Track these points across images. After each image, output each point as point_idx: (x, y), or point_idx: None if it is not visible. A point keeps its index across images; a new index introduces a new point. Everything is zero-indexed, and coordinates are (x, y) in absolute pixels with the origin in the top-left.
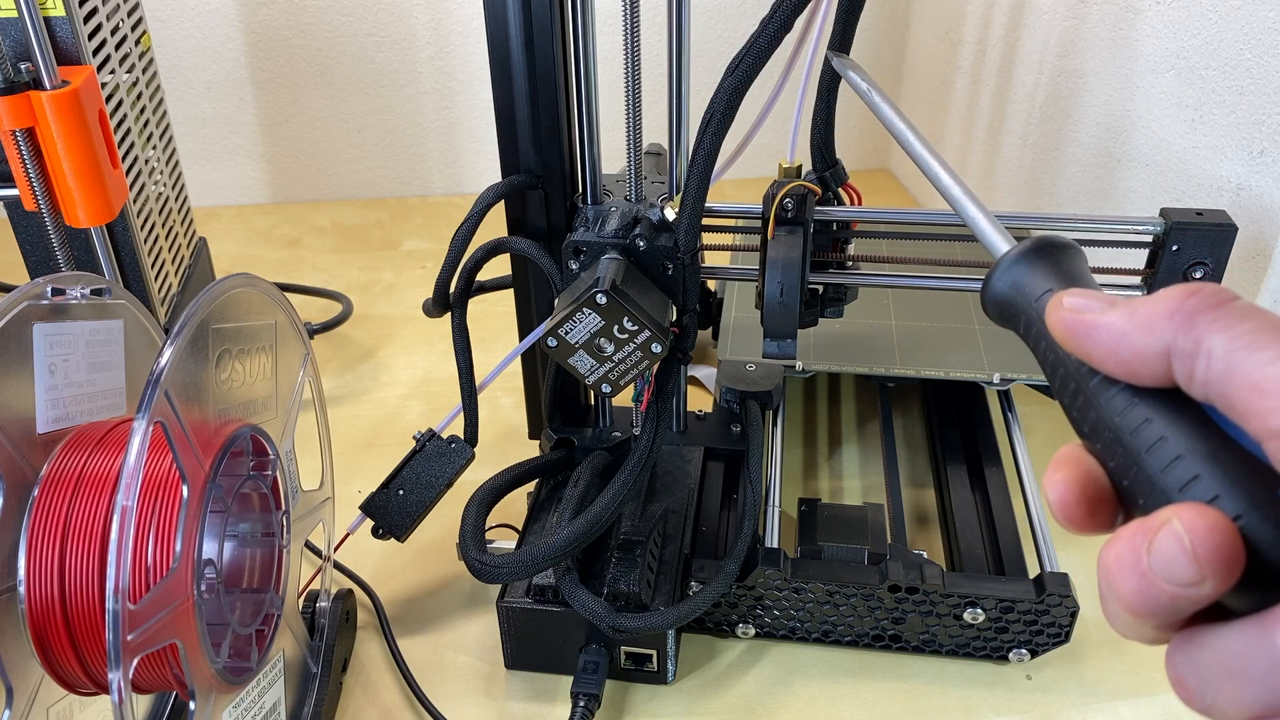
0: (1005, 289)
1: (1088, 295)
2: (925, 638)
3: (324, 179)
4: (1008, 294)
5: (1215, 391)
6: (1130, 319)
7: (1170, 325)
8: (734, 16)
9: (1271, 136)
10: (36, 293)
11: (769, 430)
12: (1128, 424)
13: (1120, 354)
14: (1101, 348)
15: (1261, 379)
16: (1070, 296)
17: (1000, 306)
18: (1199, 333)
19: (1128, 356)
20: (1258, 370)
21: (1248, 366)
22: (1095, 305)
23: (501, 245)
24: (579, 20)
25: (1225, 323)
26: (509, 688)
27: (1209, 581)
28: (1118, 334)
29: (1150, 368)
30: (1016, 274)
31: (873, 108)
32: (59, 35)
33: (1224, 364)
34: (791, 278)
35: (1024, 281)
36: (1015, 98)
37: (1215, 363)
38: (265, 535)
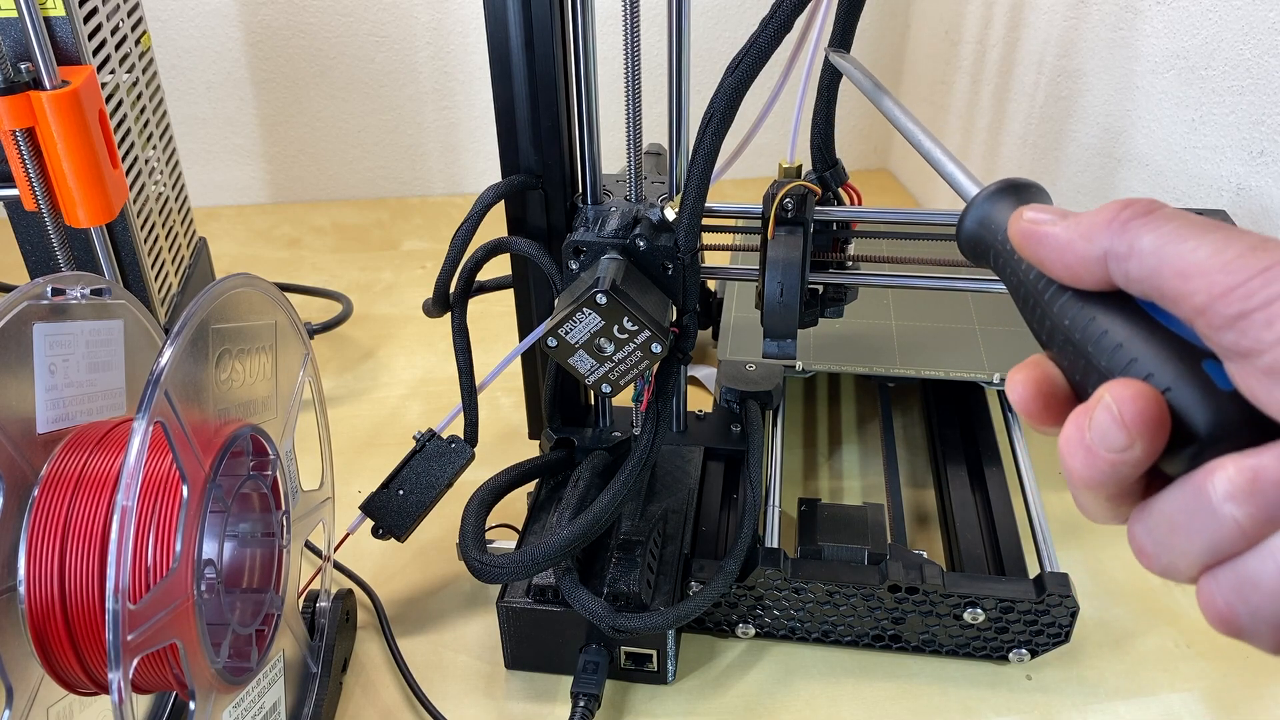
0: (974, 225)
1: (1043, 209)
2: (925, 638)
3: (324, 179)
4: (976, 230)
5: (1150, 285)
6: (1074, 228)
7: (1107, 232)
8: (734, 16)
9: (1271, 136)
10: (36, 293)
11: (769, 430)
12: (1076, 324)
13: (1065, 259)
14: (1050, 253)
15: (1185, 265)
16: (1029, 210)
17: (971, 242)
18: (1131, 235)
19: (1072, 261)
20: (1181, 259)
21: (1173, 257)
22: (1047, 217)
23: (501, 245)
24: (579, 20)
25: (1153, 223)
26: (509, 688)
27: (1138, 444)
28: (1064, 242)
29: (1091, 271)
30: (985, 210)
31: (849, 76)
32: (59, 35)
33: (1154, 258)
34: (791, 278)
35: (990, 216)
36: (1015, 98)
37: (1147, 259)
38: (265, 535)
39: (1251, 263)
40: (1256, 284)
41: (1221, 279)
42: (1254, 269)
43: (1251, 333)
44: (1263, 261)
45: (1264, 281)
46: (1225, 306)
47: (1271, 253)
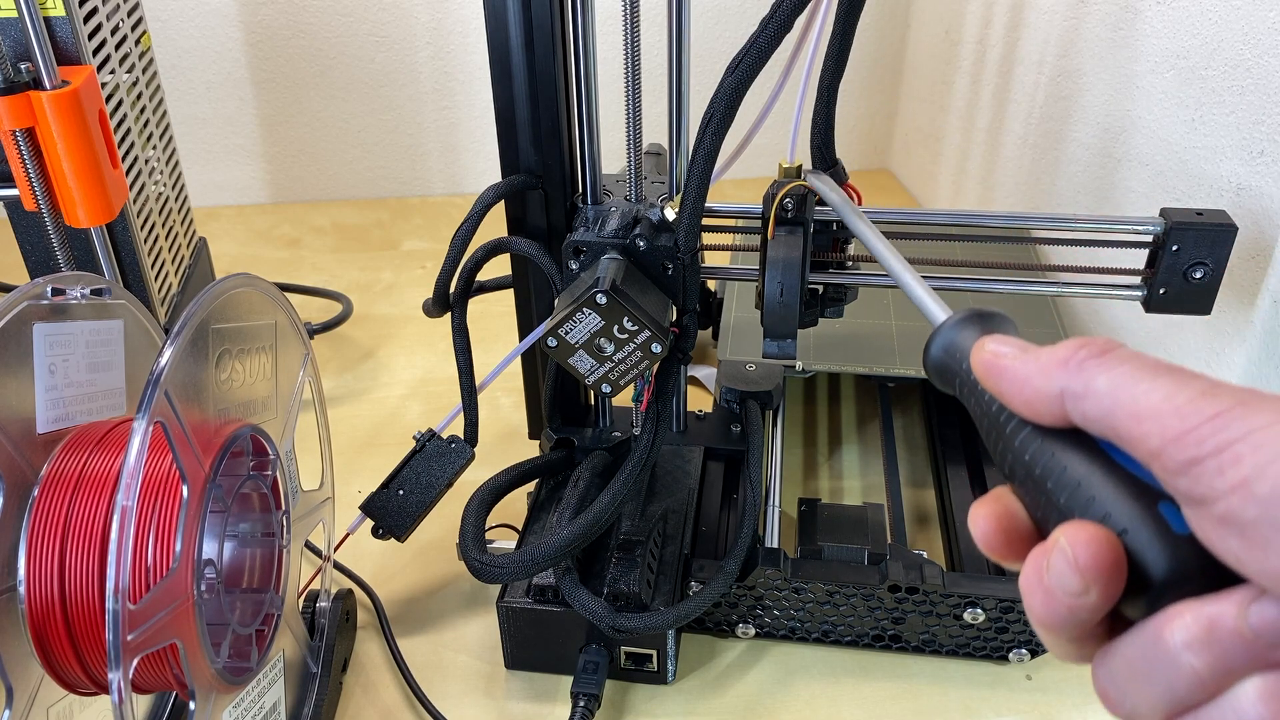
0: (940, 353)
1: (1004, 341)
2: (925, 638)
3: (324, 179)
4: (942, 357)
5: (1105, 426)
6: (1032, 364)
7: (1064, 371)
8: (734, 16)
9: (1271, 136)
10: (36, 293)
11: (769, 430)
12: (1036, 459)
13: (1024, 394)
14: (1010, 388)
15: (1138, 408)
16: (991, 341)
17: (938, 368)
18: (1087, 376)
19: (1031, 397)
20: (1135, 402)
21: (1127, 400)
22: (1009, 350)
23: (501, 245)
24: (579, 20)
25: (1108, 364)
26: (509, 688)
27: (1093, 589)
28: (1022, 377)
29: (1049, 408)
30: (950, 337)
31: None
32: (59, 35)
33: (1110, 399)
34: (791, 278)
35: (955, 344)
36: (1015, 98)
37: (1102, 399)
38: (265, 535)
39: (1203, 408)
40: (1207, 430)
41: (1174, 424)
42: (1205, 414)
43: (1204, 480)
44: (1214, 407)
45: (1214, 428)
46: (1178, 452)
47: (1222, 398)
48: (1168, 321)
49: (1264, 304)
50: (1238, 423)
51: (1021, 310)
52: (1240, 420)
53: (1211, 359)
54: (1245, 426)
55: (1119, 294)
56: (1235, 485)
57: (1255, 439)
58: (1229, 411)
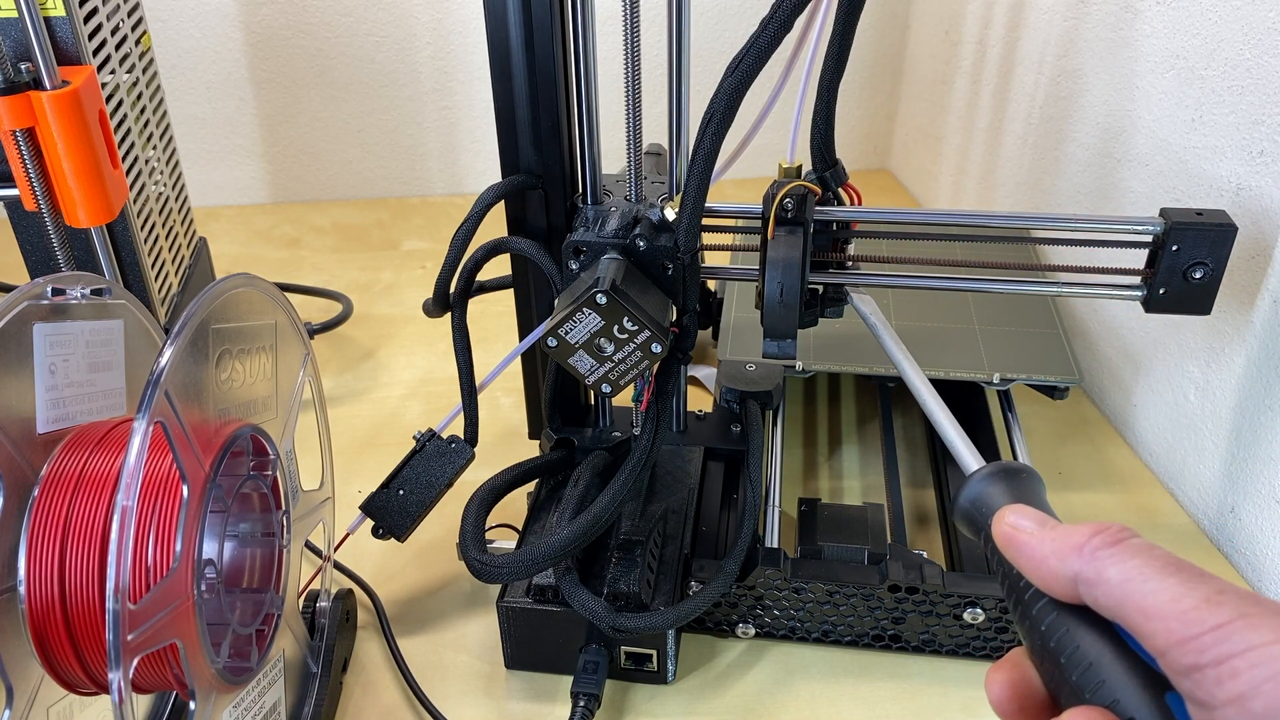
0: (968, 505)
1: (1025, 514)
2: (925, 638)
3: (324, 179)
4: (968, 509)
5: (1116, 615)
6: (1049, 544)
7: (1078, 558)
8: (734, 16)
9: (1271, 136)
10: (36, 293)
11: (769, 430)
12: (1051, 632)
13: (1040, 573)
14: (1027, 563)
15: (1146, 605)
16: (1012, 513)
17: (965, 519)
18: (1099, 565)
19: (1046, 576)
20: (1144, 599)
21: (1136, 595)
22: (1028, 525)
23: (501, 245)
24: (579, 20)
25: (1120, 558)
26: (509, 688)
27: None
28: (1039, 557)
29: (1064, 588)
30: (978, 491)
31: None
32: (59, 35)
33: (1120, 591)
34: (791, 278)
35: (983, 499)
36: (1015, 98)
37: (1113, 590)
38: (265, 535)
39: (1207, 617)
40: (1209, 640)
41: (1178, 628)
42: (1208, 624)
43: (1205, 686)
44: (1218, 617)
45: (1216, 639)
46: (1181, 656)
47: (1227, 607)
48: (1168, 321)
49: (1264, 304)
50: (1238, 636)
51: (1021, 310)
52: (1240, 635)
53: (1211, 359)
54: (1245, 642)
55: (1119, 294)
56: (1232, 698)
57: (1253, 656)
58: (1231, 624)
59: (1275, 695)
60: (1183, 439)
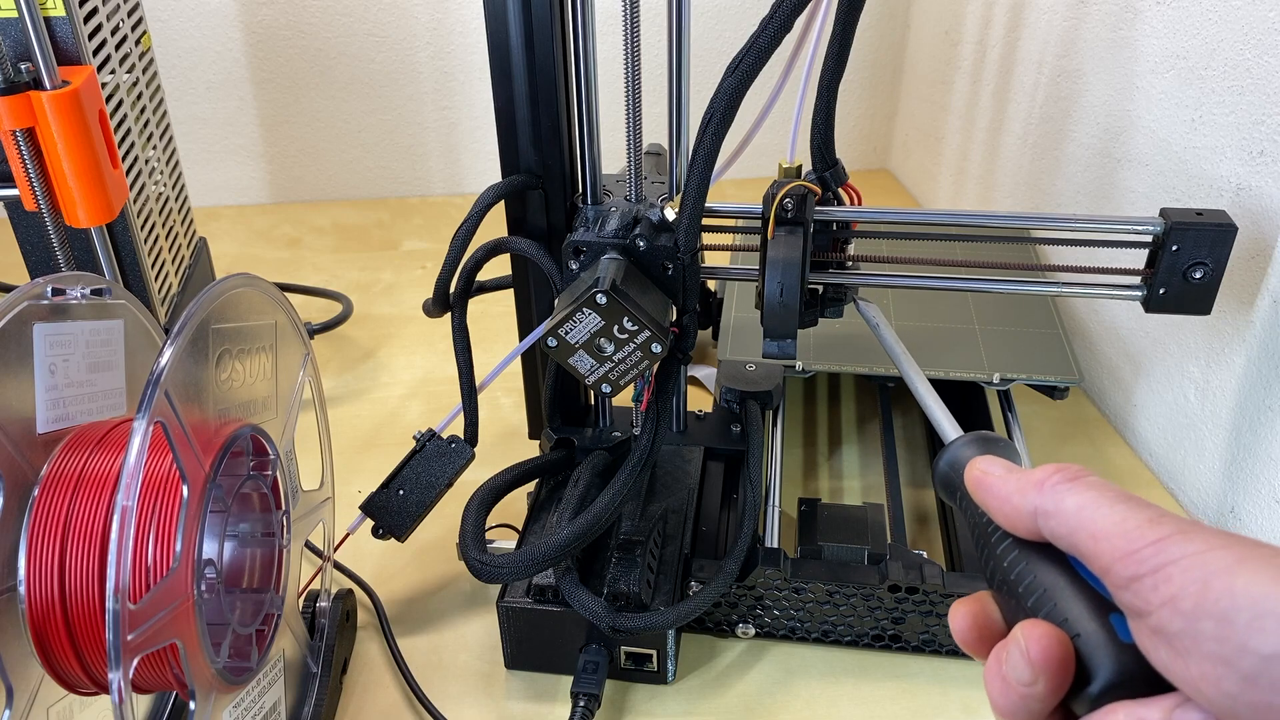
0: (946, 467)
1: (993, 462)
2: (925, 638)
3: (324, 179)
4: (947, 471)
5: (1069, 543)
6: (1013, 483)
7: (1038, 493)
8: (734, 16)
9: (1271, 136)
10: (36, 293)
11: (769, 430)
12: (1011, 567)
13: (1004, 510)
14: (993, 502)
15: (1096, 529)
16: (983, 461)
17: (943, 480)
18: (1057, 497)
19: (1010, 512)
20: (1094, 523)
21: (1088, 520)
22: (995, 470)
23: (501, 245)
24: (579, 20)
25: (1077, 489)
26: (509, 688)
27: (1041, 680)
28: (1003, 494)
29: (1025, 523)
30: (955, 454)
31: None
32: (59, 35)
33: (1074, 519)
34: (791, 278)
35: (958, 460)
36: (1015, 98)
37: (1068, 518)
38: (265, 535)
39: (1148, 533)
40: (1148, 552)
41: (1121, 545)
42: (1149, 538)
43: (1142, 594)
44: (1157, 533)
45: (1154, 551)
46: (1123, 569)
47: (1166, 525)
48: (1168, 321)
49: (1264, 304)
50: (1174, 548)
51: (1022, 310)
52: (1176, 546)
53: (1211, 359)
54: (1180, 551)
55: (1119, 294)
56: (1165, 600)
57: (1185, 563)
58: (1168, 538)
59: (1202, 595)
60: (1183, 439)
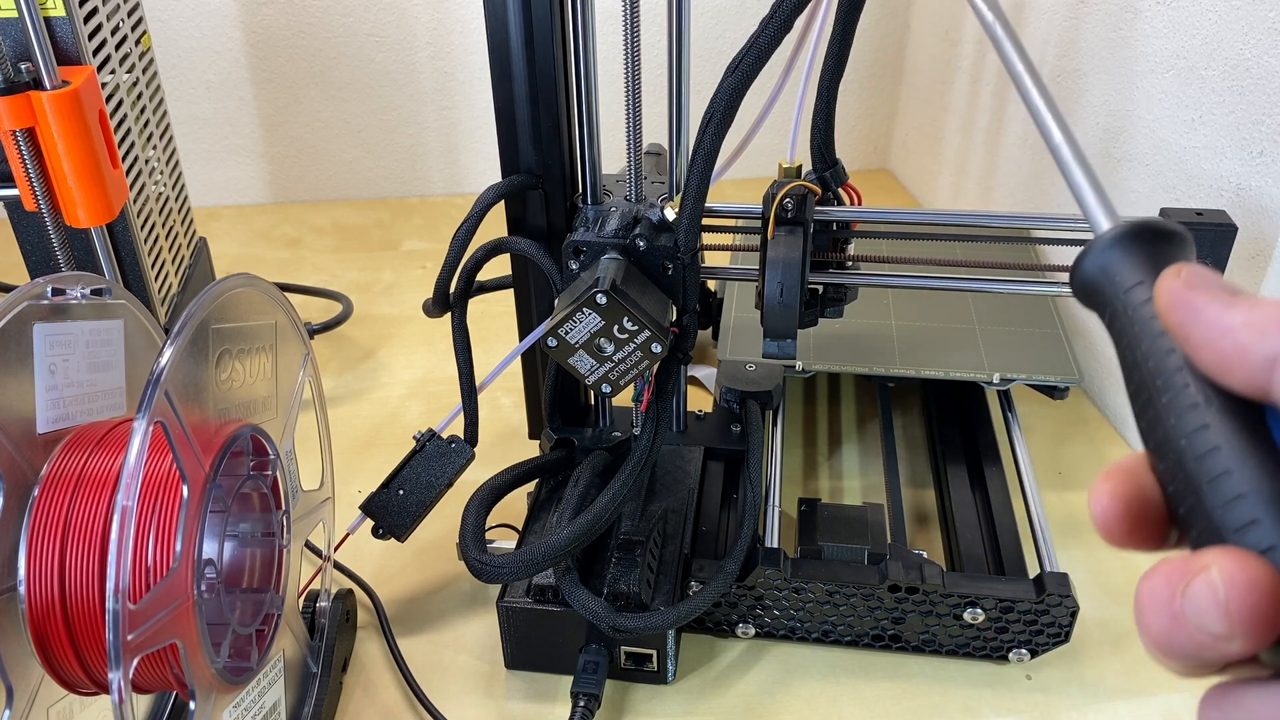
0: (1095, 272)
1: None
2: (925, 638)
3: (324, 179)
4: (1097, 278)
5: None
6: (1244, 313)
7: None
8: (734, 16)
9: (1271, 136)
10: (36, 293)
11: (769, 430)
12: (1193, 448)
13: (1220, 346)
14: (1203, 333)
15: None
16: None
17: (1087, 289)
18: None
19: (1228, 350)
20: None
21: None
22: (1213, 285)
23: (501, 245)
24: (579, 20)
25: None
26: (509, 688)
27: (1238, 639)
28: (1224, 326)
29: (1248, 370)
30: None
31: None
32: (59, 35)
33: None
34: (791, 278)
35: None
36: (1015, 98)
37: None
38: (265, 535)
39: None
40: None
41: None
42: None
43: None
44: None
45: None
46: None
47: None
48: None
49: None
50: None
51: (1022, 310)
52: None
53: None
54: None
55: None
56: None
57: None
58: None
59: None
60: None
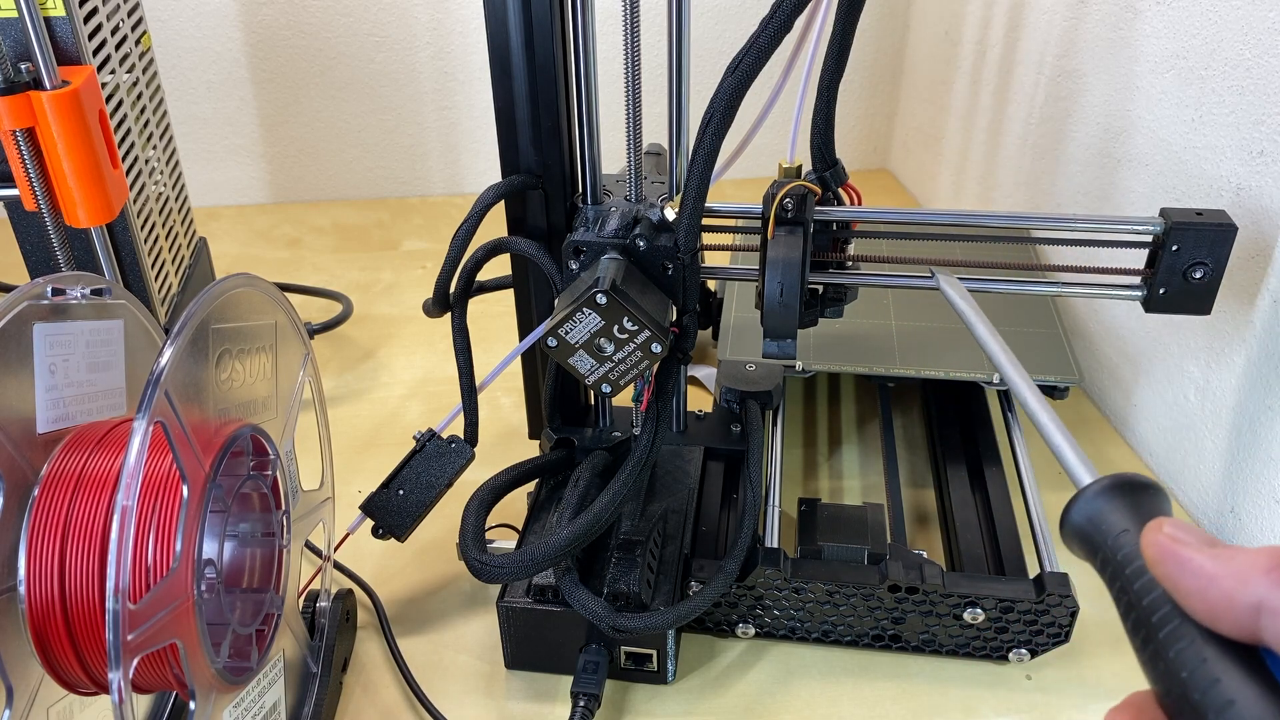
0: (1083, 522)
1: (1188, 529)
2: (925, 638)
3: (324, 179)
4: (1085, 527)
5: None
6: (1225, 564)
7: (1266, 580)
8: (734, 16)
9: (1271, 136)
10: (36, 293)
11: (769, 430)
12: (1196, 682)
13: (1207, 595)
14: (1190, 583)
15: None
16: (1170, 524)
17: (1079, 537)
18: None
19: (1215, 600)
20: None
21: None
22: (1193, 539)
23: (501, 245)
24: (579, 20)
25: None
26: (509, 688)
27: None
28: (1209, 575)
29: (1236, 617)
30: (1095, 508)
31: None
32: (59, 35)
33: None
34: (791, 278)
35: (1102, 517)
36: (1015, 98)
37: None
38: (265, 535)
39: None
40: None
41: None
42: None
43: None
44: None
45: None
46: None
47: None
48: (1168, 321)
49: (1264, 304)
50: None
51: (1022, 310)
52: None
53: (1211, 359)
54: None
55: (1119, 294)
56: None
57: None
58: None
59: None
60: (1183, 439)
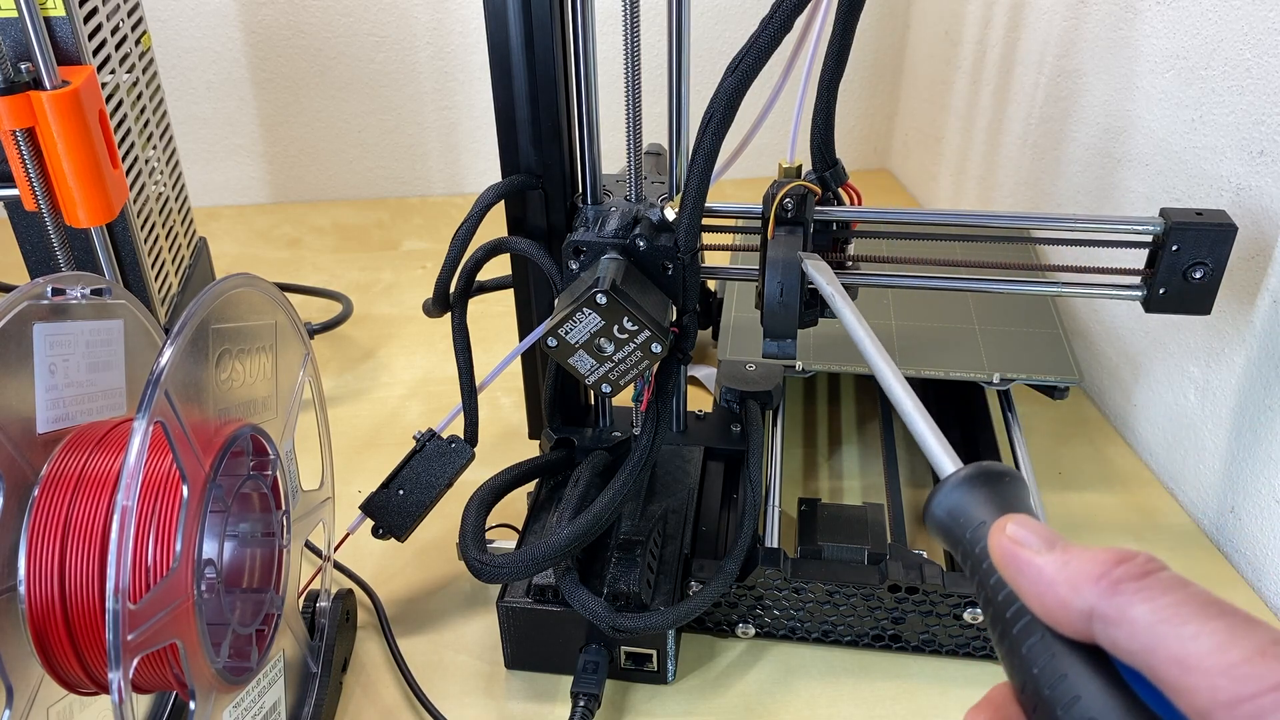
0: (943, 515)
1: (1030, 528)
2: (925, 638)
3: (324, 179)
4: (945, 520)
5: (1140, 662)
6: (1060, 569)
7: (1095, 589)
8: (734, 16)
9: (1271, 136)
10: (36, 293)
11: (769, 430)
12: (1045, 676)
13: (1045, 600)
14: (1030, 586)
15: (1183, 654)
16: (1014, 525)
17: (941, 530)
18: (1122, 601)
19: (1052, 605)
20: (1180, 645)
21: (1170, 639)
22: (1034, 541)
23: (501, 245)
24: (579, 20)
25: (1150, 593)
26: (509, 688)
27: None
28: (1046, 580)
29: (1072, 623)
30: (955, 499)
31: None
32: (59, 35)
33: (1148, 635)
34: (791, 278)
35: (963, 509)
36: (1015, 98)
37: (1139, 633)
38: (265, 535)
39: (1263, 671)
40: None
41: (1227, 685)
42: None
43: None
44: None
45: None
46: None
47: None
48: (1168, 321)
49: (1264, 304)
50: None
51: (1022, 310)
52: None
53: (1211, 359)
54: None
55: (1119, 294)
56: None
57: None
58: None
59: None
60: (1183, 439)
